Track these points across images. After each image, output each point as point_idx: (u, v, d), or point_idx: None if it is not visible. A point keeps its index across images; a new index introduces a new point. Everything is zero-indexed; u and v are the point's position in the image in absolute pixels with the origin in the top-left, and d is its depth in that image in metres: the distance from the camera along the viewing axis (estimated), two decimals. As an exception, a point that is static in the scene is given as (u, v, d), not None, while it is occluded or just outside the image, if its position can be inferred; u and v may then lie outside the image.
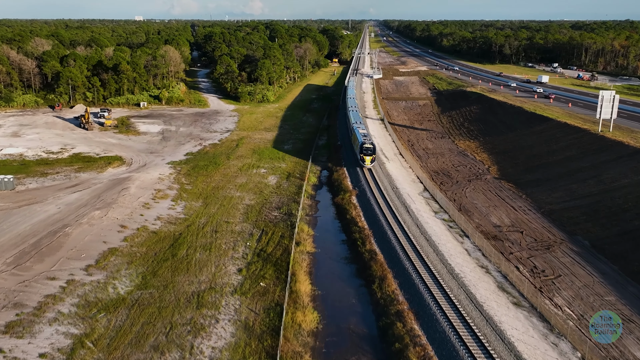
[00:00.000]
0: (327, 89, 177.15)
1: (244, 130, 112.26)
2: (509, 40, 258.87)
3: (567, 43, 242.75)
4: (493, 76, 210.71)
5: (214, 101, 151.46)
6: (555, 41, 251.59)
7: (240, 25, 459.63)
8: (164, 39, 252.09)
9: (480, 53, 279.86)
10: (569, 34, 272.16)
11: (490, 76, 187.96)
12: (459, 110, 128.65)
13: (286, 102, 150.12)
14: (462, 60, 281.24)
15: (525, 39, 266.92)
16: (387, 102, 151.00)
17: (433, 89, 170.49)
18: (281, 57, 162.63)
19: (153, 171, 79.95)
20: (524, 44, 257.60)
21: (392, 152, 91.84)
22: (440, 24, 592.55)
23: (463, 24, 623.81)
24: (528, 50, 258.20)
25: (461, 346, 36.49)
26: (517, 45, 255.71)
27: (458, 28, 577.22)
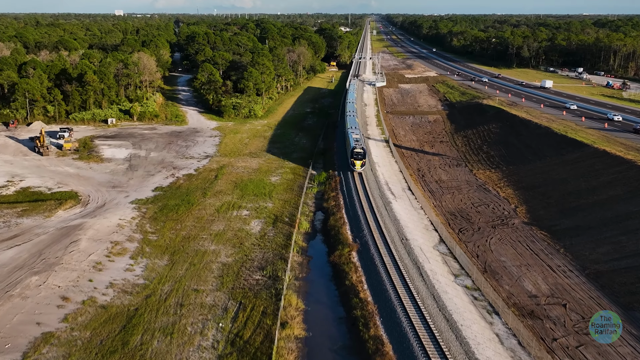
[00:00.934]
0: (323, 101, 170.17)
1: (226, 155, 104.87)
2: (528, 42, 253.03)
3: (592, 45, 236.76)
4: (499, 80, 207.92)
5: (194, 116, 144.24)
6: (580, 42, 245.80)
7: (229, 22, 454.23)
8: (141, 39, 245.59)
9: (495, 55, 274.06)
10: (595, 35, 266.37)
11: (511, 85, 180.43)
12: (475, 129, 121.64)
13: (276, 118, 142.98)
14: (475, 63, 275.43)
15: (545, 39, 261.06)
16: (392, 117, 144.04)
17: (444, 100, 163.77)
18: (271, 66, 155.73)
19: (112, 215, 72.33)
20: (545, 45, 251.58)
21: (400, 187, 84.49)
22: (449, 20, 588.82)
23: (474, 20, 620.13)
24: (549, 52, 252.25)
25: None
26: (536, 47, 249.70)
27: (468, 25, 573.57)
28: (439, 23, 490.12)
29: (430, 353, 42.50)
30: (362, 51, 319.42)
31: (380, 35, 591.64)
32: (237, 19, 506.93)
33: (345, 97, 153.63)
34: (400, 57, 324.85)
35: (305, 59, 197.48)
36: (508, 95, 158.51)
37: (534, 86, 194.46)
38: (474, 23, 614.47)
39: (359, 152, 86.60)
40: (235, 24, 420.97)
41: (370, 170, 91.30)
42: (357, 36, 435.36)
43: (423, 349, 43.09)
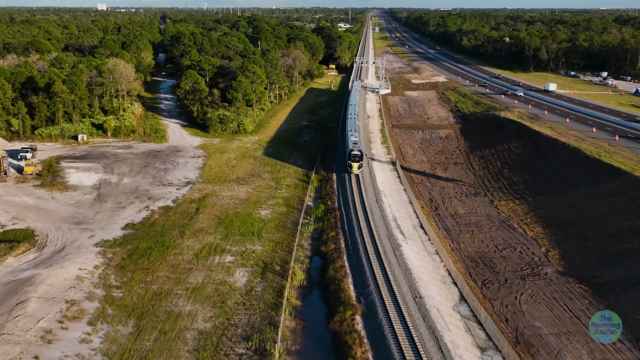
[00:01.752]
0: (321, 112, 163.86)
1: (210, 181, 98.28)
2: (546, 42, 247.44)
3: (617, 46, 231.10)
4: (498, 80, 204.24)
5: (176, 131, 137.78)
6: (603, 44, 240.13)
7: (219, 19, 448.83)
8: (121, 40, 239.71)
9: (510, 57, 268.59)
10: (619, 34, 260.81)
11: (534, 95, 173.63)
12: (493, 148, 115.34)
13: (268, 133, 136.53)
14: (487, 65, 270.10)
15: (565, 40, 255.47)
16: (398, 132, 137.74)
17: (456, 111, 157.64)
18: (263, 74, 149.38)
19: (71, 263, 65.61)
20: (565, 47, 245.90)
21: (411, 223, 77.91)
22: (458, 17, 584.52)
23: (484, 16, 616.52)
24: (569, 54, 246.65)
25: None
26: (555, 49, 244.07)
27: (478, 22, 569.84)
28: (446, 20, 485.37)
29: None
30: (363, 53, 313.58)
31: (383, 33, 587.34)
32: (228, 15, 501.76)
33: (345, 108, 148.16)
34: (406, 58, 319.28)
35: (302, 63, 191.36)
36: (528, 107, 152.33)
37: (535, 89, 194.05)
38: (484, 19, 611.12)
39: (356, 155, 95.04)
40: (225, 22, 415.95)
41: (376, 201, 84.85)
42: (357, 34, 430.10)
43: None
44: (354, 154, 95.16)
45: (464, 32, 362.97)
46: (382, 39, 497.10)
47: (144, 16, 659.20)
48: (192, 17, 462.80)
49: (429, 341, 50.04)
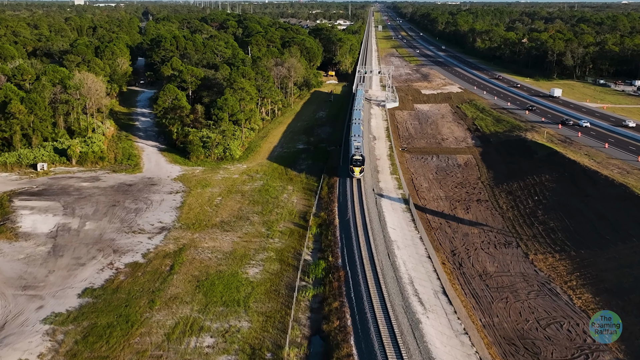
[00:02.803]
0: (320, 131, 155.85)
1: (189, 227, 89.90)
2: (571, 46, 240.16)
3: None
4: (498, 82, 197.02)
5: (152, 156, 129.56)
6: (636, 48, 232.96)
7: (205, 17, 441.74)
8: (94, 45, 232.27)
9: (530, 62, 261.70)
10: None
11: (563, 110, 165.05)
12: (522, 182, 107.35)
13: (259, 159, 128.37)
14: (505, 71, 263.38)
15: (592, 44, 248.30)
16: (409, 157, 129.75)
17: (475, 130, 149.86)
18: (253, 90, 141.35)
19: (10, 351, 57.10)
20: (592, 51, 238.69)
21: (431, 287, 69.55)
22: (469, 13, 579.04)
23: (497, 12, 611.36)
24: (597, 60, 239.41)
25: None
26: (582, 54, 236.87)
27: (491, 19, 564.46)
28: (457, 18, 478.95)
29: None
30: (366, 56, 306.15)
31: (386, 31, 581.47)
32: (215, 13, 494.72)
33: (350, 113, 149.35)
34: (414, 62, 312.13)
35: (298, 73, 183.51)
36: (558, 127, 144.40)
37: (543, 94, 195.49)
38: (498, 16, 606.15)
39: (357, 159, 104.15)
40: (213, 20, 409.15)
41: (387, 256, 76.55)
42: (359, 34, 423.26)
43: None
44: (356, 158, 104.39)
45: (477, 32, 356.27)
46: (385, 38, 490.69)
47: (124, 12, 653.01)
48: (176, 15, 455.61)
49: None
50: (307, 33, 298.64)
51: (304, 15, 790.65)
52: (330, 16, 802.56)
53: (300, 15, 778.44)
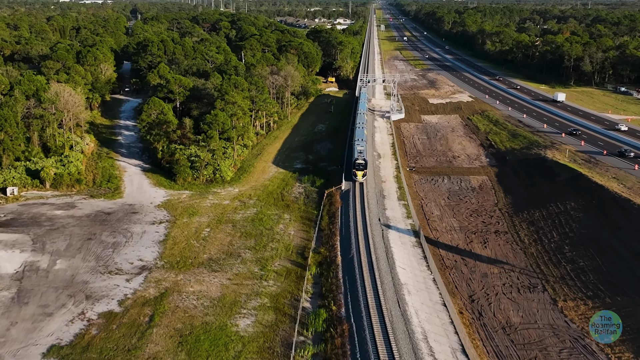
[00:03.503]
0: (319, 147, 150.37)
1: (172, 265, 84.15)
2: (589, 50, 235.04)
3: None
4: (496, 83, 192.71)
5: (134, 178, 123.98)
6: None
7: (197, 17, 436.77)
8: (75, 50, 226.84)
9: (545, 67, 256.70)
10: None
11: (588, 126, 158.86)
12: (545, 210, 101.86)
13: (252, 182, 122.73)
14: (517, 76, 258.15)
15: (612, 47, 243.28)
16: (417, 179, 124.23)
17: (488, 146, 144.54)
18: (246, 105, 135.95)
19: None
20: (612, 56, 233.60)
21: (448, 345, 63.85)
22: (477, 12, 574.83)
23: (507, 11, 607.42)
24: (617, 65, 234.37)
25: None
26: (601, 59, 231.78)
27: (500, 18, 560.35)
28: (465, 17, 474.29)
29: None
30: (368, 59, 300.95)
31: (389, 31, 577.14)
32: (208, 12, 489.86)
33: (352, 132, 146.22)
34: (419, 66, 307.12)
35: (295, 82, 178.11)
36: (580, 143, 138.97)
37: (543, 98, 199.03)
38: (507, 15, 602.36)
39: (360, 163, 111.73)
40: (204, 20, 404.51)
41: (397, 304, 70.94)
42: (360, 35, 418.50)
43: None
44: (359, 162, 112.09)
45: (487, 34, 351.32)
46: (388, 39, 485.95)
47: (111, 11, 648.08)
48: (165, 15, 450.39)
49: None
50: (305, 35, 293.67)
51: (301, 13, 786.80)
52: (330, 14, 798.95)
53: (297, 14, 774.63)
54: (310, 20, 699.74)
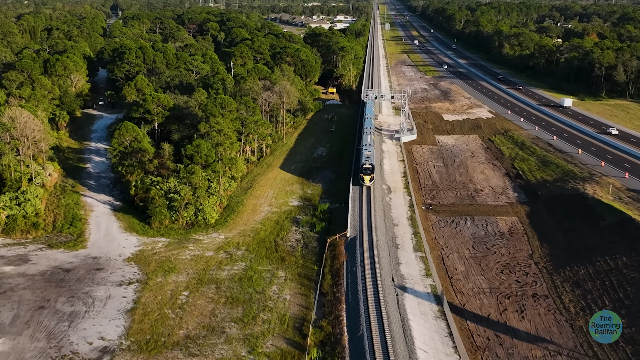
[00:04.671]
0: (320, 176, 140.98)
1: (141, 347, 74.28)
2: (623, 57, 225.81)
3: None
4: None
5: (102, 221, 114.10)
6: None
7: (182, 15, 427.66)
8: (43, 58, 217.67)
9: (573, 75, 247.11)
10: None
11: (629, 151, 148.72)
12: (591, 266, 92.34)
13: (241, 225, 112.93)
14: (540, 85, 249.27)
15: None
16: (435, 220, 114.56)
17: (515, 177, 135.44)
18: (233, 133, 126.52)
19: None
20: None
21: None
22: (491, 8, 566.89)
23: (524, 7, 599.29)
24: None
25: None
26: (636, 68, 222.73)
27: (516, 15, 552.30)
28: (478, 16, 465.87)
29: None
30: (372, 67, 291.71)
31: (394, 30, 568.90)
32: (195, 10, 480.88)
33: (359, 138, 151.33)
34: (430, 73, 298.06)
35: (291, 98, 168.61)
36: (624, 175, 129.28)
37: (553, 104, 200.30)
38: (525, 12, 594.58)
39: (367, 168, 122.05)
40: (190, 20, 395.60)
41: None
42: (363, 35, 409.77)
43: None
44: (366, 167, 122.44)
45: (505, 35, 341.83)
46: (394, 40, 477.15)
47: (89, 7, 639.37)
48: (148, 13, 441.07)
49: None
50: (302, 40, 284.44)
51: (298, 9, 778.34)
52: (329, 10, 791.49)
53: (294, 10, 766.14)
54: (308, 18, 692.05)
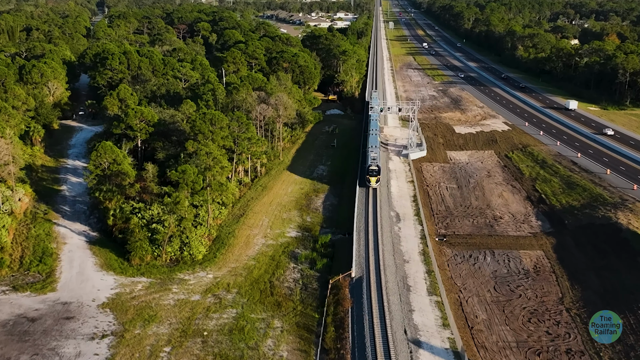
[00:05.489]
0: (320, 200, 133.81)
1: (112, 422, 66.55)
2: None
3: None
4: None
5: (76, 256, 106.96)
6: None
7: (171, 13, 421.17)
8: (18, 63, 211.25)
9: (594, 81, 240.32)
10: None
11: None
12: (632, 316, 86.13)
13: (232, 261, 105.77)
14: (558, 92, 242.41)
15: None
16: (451, 254, 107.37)
17: (538, 201, 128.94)
18: (224, 157, 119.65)
19: None
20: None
21: None
22: (501, 5, 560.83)
23: (536, 4, 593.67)
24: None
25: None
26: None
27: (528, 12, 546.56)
28: (488, 14, 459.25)
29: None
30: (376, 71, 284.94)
31: (399, 29, 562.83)
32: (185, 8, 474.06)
33: (365, 139, 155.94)
34: (438, 78, 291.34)
35: (289, 111, 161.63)
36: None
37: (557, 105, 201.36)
38: (537, 9, 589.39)
39: (373, 170, 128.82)
40: (180, 20, 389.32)
41: None
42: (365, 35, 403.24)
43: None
44: (372, 169, 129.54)
45: (518, 36, 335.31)
46: (399, 40, 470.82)
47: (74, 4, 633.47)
48: (135, 12, 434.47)
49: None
50: (301, 42, 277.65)
51: (296, 6, 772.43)
52: (329, 7, 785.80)
53: (291, 7, 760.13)
54: (306, 15, 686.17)
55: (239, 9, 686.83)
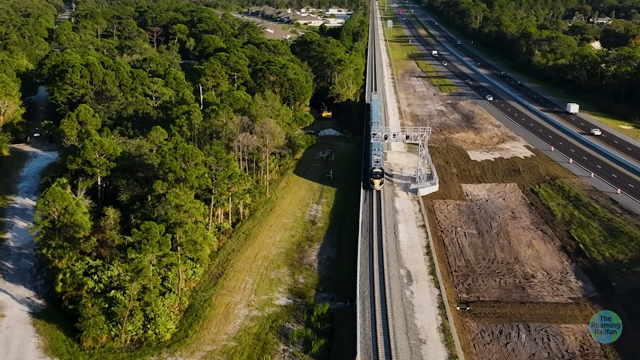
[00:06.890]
0: (315, 252, 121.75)
1: None
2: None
3: None
4: None
5: (15, 334, 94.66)
6: None
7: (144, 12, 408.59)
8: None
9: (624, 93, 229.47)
10: None
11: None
12: None
13: (208, 341, 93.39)
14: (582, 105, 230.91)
15: None
16: (477, 329, 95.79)
17: (574, 252, 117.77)
18: (198, 212, 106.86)
19: None
20: None
21: None
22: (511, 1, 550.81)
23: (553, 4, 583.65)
24: None
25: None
26: None
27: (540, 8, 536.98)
28: (498, 12, 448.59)
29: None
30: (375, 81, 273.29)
31: (398, 28, 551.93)
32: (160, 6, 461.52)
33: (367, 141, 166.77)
34: (446, 89, 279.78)
35: (276, 138, 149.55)
36: None
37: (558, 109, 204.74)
38: (550, 5, 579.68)
39: (377, 172, 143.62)
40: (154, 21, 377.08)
41: None
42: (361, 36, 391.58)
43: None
44: (376, 171, 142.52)
45: (535, 40, 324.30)
46: (399, 41, 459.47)
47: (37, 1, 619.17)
48: (104, 11, 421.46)
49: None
50: (290, 48, 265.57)
51: (284, 1, 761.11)
52: (320, 3, 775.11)
53: (278, 2, 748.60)
54: (295, 12, 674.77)
55: (221, 4, 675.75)
